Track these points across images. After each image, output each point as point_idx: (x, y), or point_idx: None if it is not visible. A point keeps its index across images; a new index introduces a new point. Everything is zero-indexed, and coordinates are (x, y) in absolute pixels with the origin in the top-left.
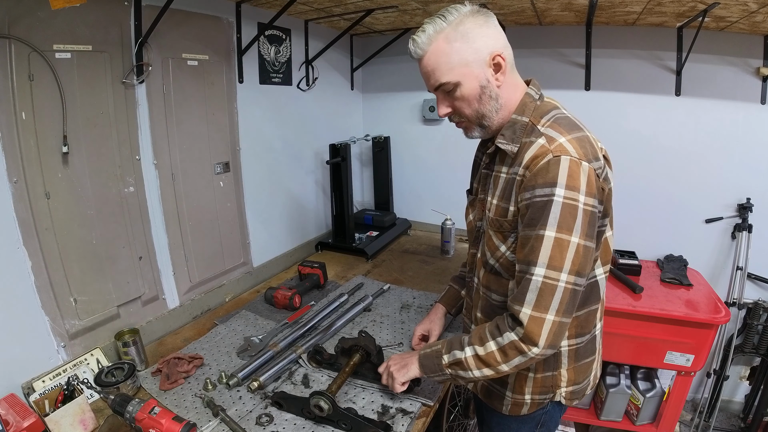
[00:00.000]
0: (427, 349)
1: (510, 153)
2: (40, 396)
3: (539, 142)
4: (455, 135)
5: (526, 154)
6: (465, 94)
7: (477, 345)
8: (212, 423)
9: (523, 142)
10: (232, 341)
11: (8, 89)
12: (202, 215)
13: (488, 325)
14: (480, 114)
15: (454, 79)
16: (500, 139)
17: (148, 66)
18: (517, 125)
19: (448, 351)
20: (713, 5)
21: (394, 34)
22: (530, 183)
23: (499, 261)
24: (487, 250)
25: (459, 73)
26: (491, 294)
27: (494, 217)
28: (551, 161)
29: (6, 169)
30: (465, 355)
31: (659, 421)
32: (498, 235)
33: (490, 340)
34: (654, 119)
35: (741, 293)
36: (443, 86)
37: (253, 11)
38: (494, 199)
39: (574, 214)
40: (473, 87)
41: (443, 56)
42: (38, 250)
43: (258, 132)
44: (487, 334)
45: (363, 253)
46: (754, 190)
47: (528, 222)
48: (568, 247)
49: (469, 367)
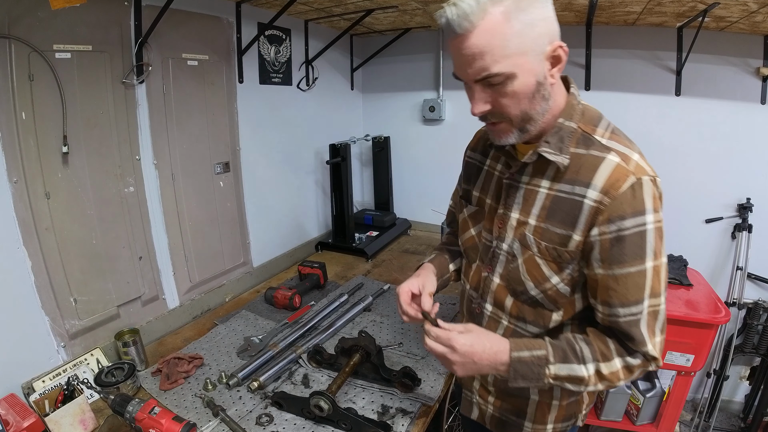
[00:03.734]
0: (525, 352)
1: (561, 166)
2: (40, 396)
3: (612, 160)
4: (455, 135)
5: (596, 174)
6: (517, 91)
7: (601, 361)
8: (212, 423)
9: (577, 154)
10: (232, 341)
11: (8, 89)
12: (202, 215)
13: (609, 341)
14: (527, 116)
15: (509, 70)
16: (545, 147)
17: (148, 66)
18: (563, 132)
19: (559, 361)
20: (713, 5)
21: (394, 34)
22: (616, 213)
23: (546, 293)
24: (527, 279)
25: (515, 62)
26: (526, 326)
27: (546, 243)
28: (635, 185)
29: (6, 169)
30: (588, 372)
31: (659, 421)
32: (552, 264)
33: (616, 357)
34: (654, 119)
35: (741, 293)
36: (491, 78)
37: (253, 11)
38: (531, 219)
39: (661, 235)
40: (528, 83)
41: (499, 38)
42: (38, 250)
43: (258, 132)
44: (612, 351)
45: (363, 253)
46: (754, 190)
47: (618, 258)
48: (662, 271)
49: (586, 383)
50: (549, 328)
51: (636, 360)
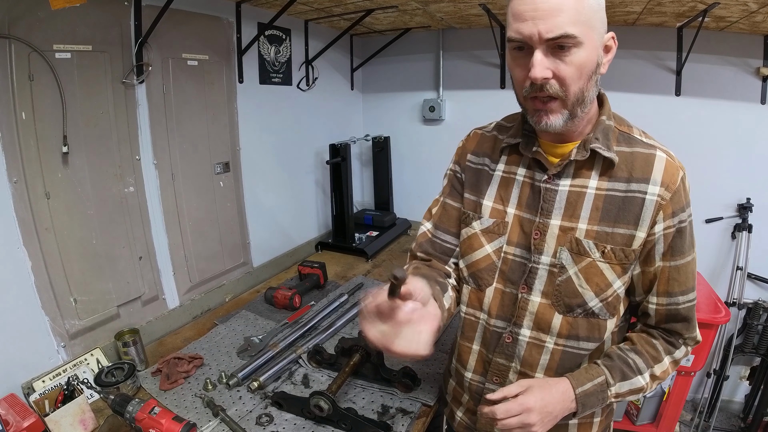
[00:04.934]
0: (588, 385)
1: (614, 162)
2: (40, 396)
3: (662, 156)
4: (455, 135)
5: (654, 170)
6: (581, 62)
7: (654, 365)
8: (212, 423)
9: (622, 151)
10: (232, 341)
11: (8, 89)
12: (202, 215)
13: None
14: (582, 97)
15: (581, 35)
16: (596, 143)
17: (148, 66)
18: (607, 129)
19: (619, 379)
20: (713, 5)
21: (394, 34)
22: (677, 206)
23: (607, 300)
24: (585, 289)
25: (585, 32)
26: (579, 343)
27: (611, 246)
28: (684, 179)
29: (6, 169)
30: (645, 380)
31: (659, 421)
32: (616, 268)
33: (665, 356)
34: (654, 119)
35: (741, 293)
36: (563, 39)
37: (253, 11)
38: (582, 224)
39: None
40: (592, 58)
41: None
42: (38, 250)
43: (258, 132)
44: (660, 352)
45: (363, 253)
46: (754, 190)
47: (680, 249)
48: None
49: (644, 389)
50: (605, 339)
51: (680, 352)
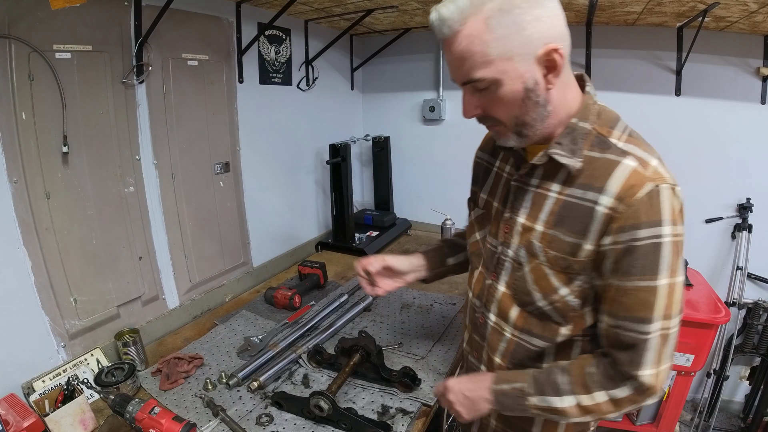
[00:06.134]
0: (504, 386)
1: (573, 170)
2: (40, 396)
3: (628, 165)
4: (455, 135)
5: (611, 179)
6: (503, 96)
7: (581, 394)
8: (212, 423)
9: (592, 157)
10: (232, 341)
11: (8, 89)
12: (202, 215)
13: (595, 372)
14: (521, 122)
15: (491, 76)
16: (556, 149)
17: (148, 66)
18: (577, 133)
19: (538, 393)
20: (713, 5)
21: (394, 34)
22: (630, 222)
23: (555, 304)
24: (534, 289)
25: (498, 68)
26: (532, 339)
27: (555, 252)
28: (653, 193)
29: (6, 169)
30: (564, 405)
31: (659, 421)
32: (561, 275)
33: (600, 390)
34: (654, 119)
35: (741, 293)
36: (474, 83)
37: (253, 11)
38: (538, 224)
39: (678, 251)
40: (515, 89)
41: (479, 43)
42: (38, 250)
43: (258, 132)
44: (595, 384)
45: (363, 253)
46: (754, 190)
47: (629, 269)
48: (676, 290)
49: (566, 415)
50: (557, 343)
51: (623, 392)
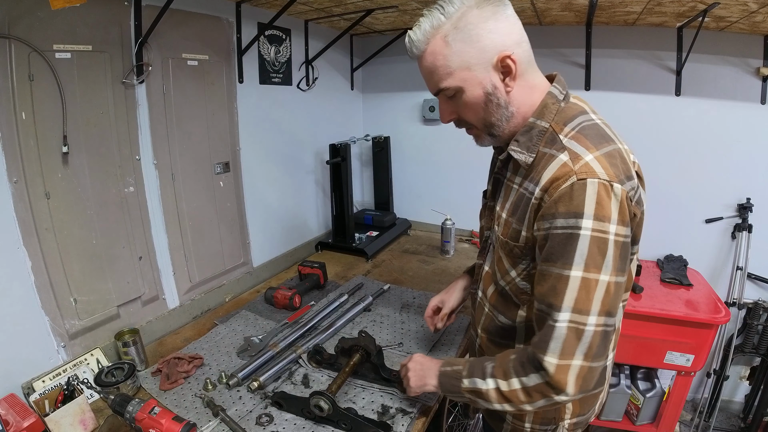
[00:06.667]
0: (447, 368)
1: (523, 164)
2: (40, 396)
3: (561, 159)
4: (455, 135)
5: (545, 172)
6: (467, 101)
7: (500, 378)
8: (212, 423)
9: (541, 152)
10: (232, 341)
11: (8, 89)
12: (202, 215)
13: (513, 358)
14: (487, 123)
15: (455, 85)
16: (514, 146)
17: (148, 66)
18: (534, 131)
19: (469, 375)
20: (713, 5)
21: (394, 34)
22: (550, 211)
23: (509, 285)
24: (496, 270)
25: (460, 77)
26: (498, 315)
27: (504, 238)
28: (576, 186)
29: (6, 169)
30: (487, 387)
31: (659, 421)
32: (508, 259)
33: (514, 377)
34: (654, 119)
35: (741, 293)
36: (443, 92)
37: (253, 11)
38: (504, 213)
39: (603, 249)
40: (476, 94)
41: (441, 58)
42: (38, 250)
43: (258, 132)
44: (511, 370)
45: (363, 253)
46: (754, 190)
47: (547, 256)
48: (597, 288)
49: (489, 399)
50: (516, 324)
51: (531, 380)
